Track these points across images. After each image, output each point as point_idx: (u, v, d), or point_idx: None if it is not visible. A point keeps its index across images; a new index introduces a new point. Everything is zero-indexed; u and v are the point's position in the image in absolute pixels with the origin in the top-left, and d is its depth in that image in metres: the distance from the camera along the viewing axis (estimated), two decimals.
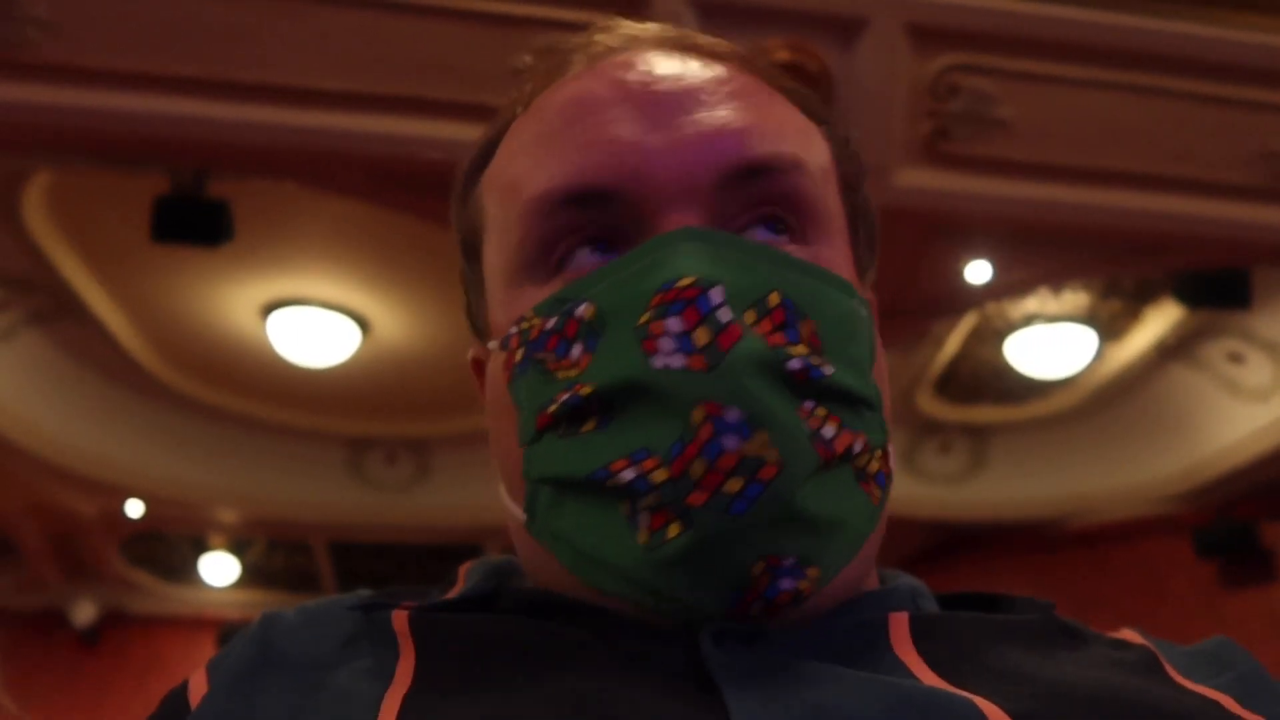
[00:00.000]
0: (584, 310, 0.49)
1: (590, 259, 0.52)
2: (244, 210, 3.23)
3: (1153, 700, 0.43)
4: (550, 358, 0.50)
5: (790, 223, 0.53)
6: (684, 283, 0.46)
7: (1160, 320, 4.59)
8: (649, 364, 0.45)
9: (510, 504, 0.54)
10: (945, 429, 5.48)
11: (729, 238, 0.50)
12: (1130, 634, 0.55)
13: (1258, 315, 4.20)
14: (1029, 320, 4.56)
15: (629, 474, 0.45)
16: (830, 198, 0.55)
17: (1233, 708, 0.45)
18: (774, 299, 0.48)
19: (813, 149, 0.56)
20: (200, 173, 3.14)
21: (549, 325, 0.50)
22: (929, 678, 0.44)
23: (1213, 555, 5.33)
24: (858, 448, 0.48)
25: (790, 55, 2.72)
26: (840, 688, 0.42)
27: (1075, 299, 4.43)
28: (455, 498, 5.64)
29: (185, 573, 6.72)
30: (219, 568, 6.66)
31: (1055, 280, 3.98)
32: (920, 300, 3.74)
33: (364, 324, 4.57)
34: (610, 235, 0.52)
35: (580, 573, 0.49)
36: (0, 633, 6.45)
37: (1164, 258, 3.55)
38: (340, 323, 4.50)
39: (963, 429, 5.51)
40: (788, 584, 0.45)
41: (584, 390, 0.47)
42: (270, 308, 4.43)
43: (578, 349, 0.49)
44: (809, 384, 0.47)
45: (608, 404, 0.47)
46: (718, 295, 0.46)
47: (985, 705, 0.41)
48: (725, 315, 0.45)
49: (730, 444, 0.43)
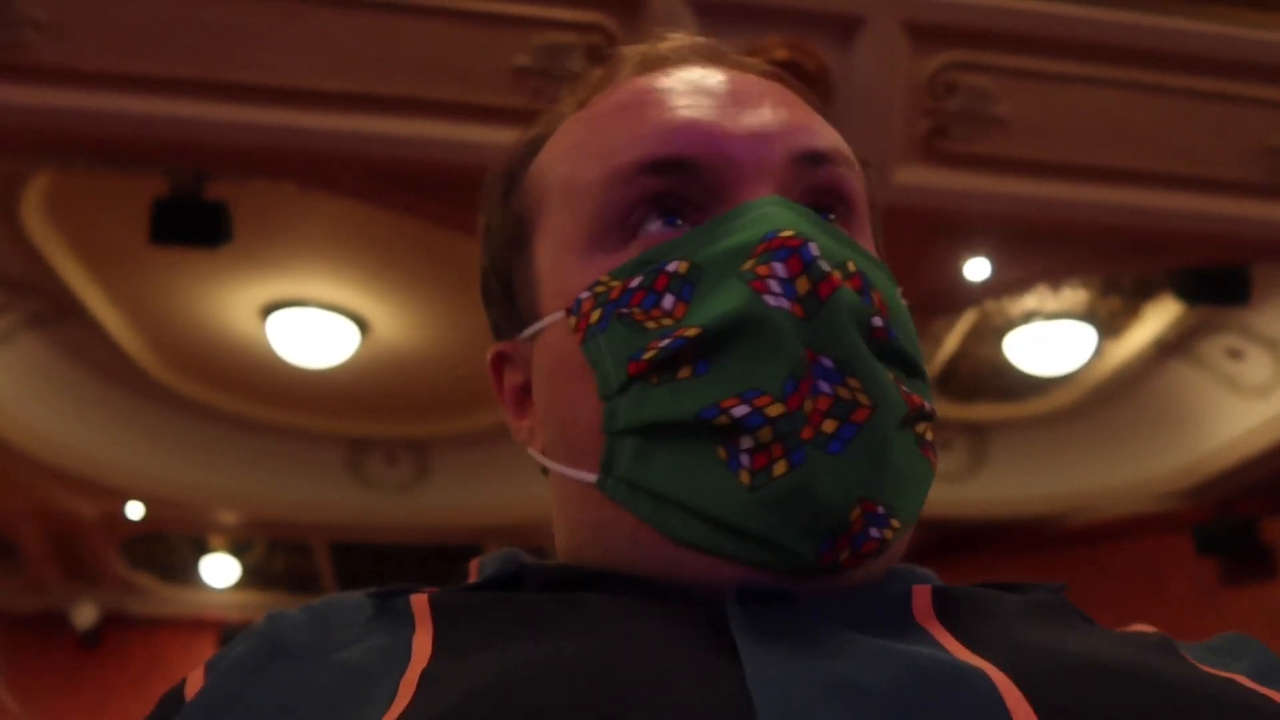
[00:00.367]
0: (676, 266, 0.51)
1: (664, 230, 0.53)
2: (243, 211, 3.23)
3: (1169, 674, 0.43)
4: (637, 310, 0.51)
5: (840, 211, 0.57)
6: (786, 233, 0.48)
7: (1159, 317, 4.59)
8: (763, 301, 0.47)
9: (569, 470, 0.54)
10: (945, 427, 5.48)
11: (807, 211, 0.53)
12: (1143, 627, 0.55)
13: (1257, 311, 4.21)
14: (1028, 318, 4.56)
15: (740, 410, 0.46)
16: (864, 197, 0.60)
17: (1249, 684, 0.45)
18: (852, 266, 0.52)
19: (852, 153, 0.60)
20: (199, 174, 3.14)
21: (633, 284, 0.51)
22: (952, 645, 0.45)
23: (1213, 552, 5.33)
24: (928, 409, 0.52)
25: (788, 54, 2.73)
26: (857, 654, 0.42)
27: (1074, 296, 4.43)
28: (455, 498, 5.65)
29: (186, 574, 6.72)
30: (219, 569, 6.66)
31: (1054, 277, 3.98)
32: (919, 298, 3.71)
33: (363, 325, 4.57)
34: (685, 207, 0.54)
35: (662, 523, 0.49)
36: (1, 635, 6.45)
37: (1163, 254, 3.55)
38: (340, 324, 4.50)
39: (962, 427, 5.51)
40: (875, 532, 0.47)
41: (689, 332, 0.48)
42: (269, 309, 4.43)
43: (669, 300, 0.50)
44: (885, 344, 0.50)
45: (710, 347, 0.48)
46: (816, 249, 0.48)
47: (996, 674, 0.41)
48: (825, 266, 0.48)
49: (824, 388, 0.46)
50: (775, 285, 0.47)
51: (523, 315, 0.59)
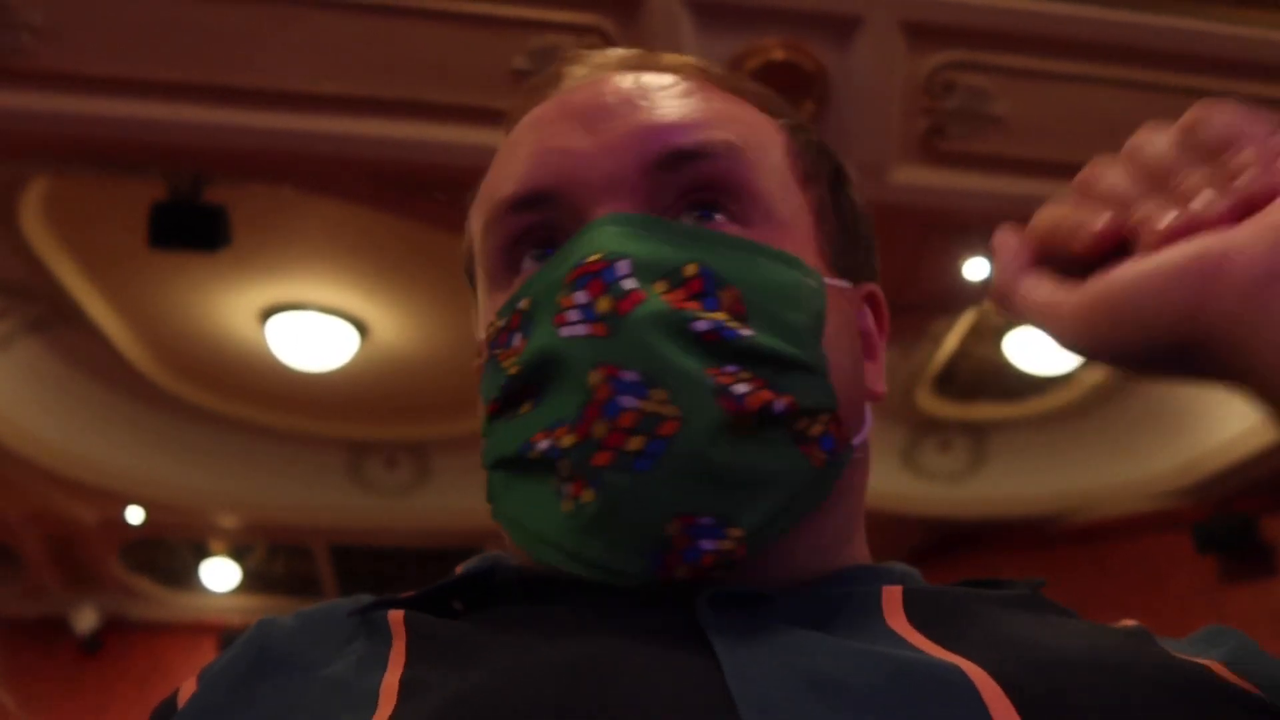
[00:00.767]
0: (523, 303, 0.52)
1: (535, 264, 0.55)
2: (241, 215, 3.23)
3: (1141, 662, 0.43)
4: (501, 351, 0.53)
5: (726, 206, 0.54)
6: (592, 259, 0.48)
7: None
8: (557, 334, 0.48)
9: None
10: (945, 427, 5.48)
11: (651, 220, 0.52)
12: (1127, 622, 0.55)
13: None
14: None
15: (544, 444, 0.48)
16: (778, 185, 0.56)
17: (1222, 672, 0.45)
18: (690, 269, 0.49)
19: (756, 138, 0.57)
20: (197, 178, 3.14)
21: (502, 324, 0.53)
22: (922, 644, 0.45)
23: (1213, 550, 5.33)
24: (779, 407, 0.47)
25: (786, 54, 2.73)
26: (835, 656, 0.42)
27: None
28: (455, 501, 5.64)
29: (186, 579, 6.71)
30: (220, 573, 6.66)
31: None
32: (918, 298, 3.74)
33: (362, 328, 4.57)
34: (554, 237, 0.54)
35: (531, 551, 0.51)
36: (1, 641, 6.45)
37: None
38: (339, 327, 4.50)
39: (962, 427, 5.51)
40: (708, 545, 0.46)
41: (513, 370, 0.50)
42: (269, 312, 4.42)
43: (518, 338, 0.52)
44: (723, 345, 0.48)
45: (537, 383, 0.50)
46: (624, 268, 0.48)
47: (972, 669, 0.41)
48: (629, 284, 0.47)
49: (628, 403, 0.45)
50: (574, 314, 0.48)
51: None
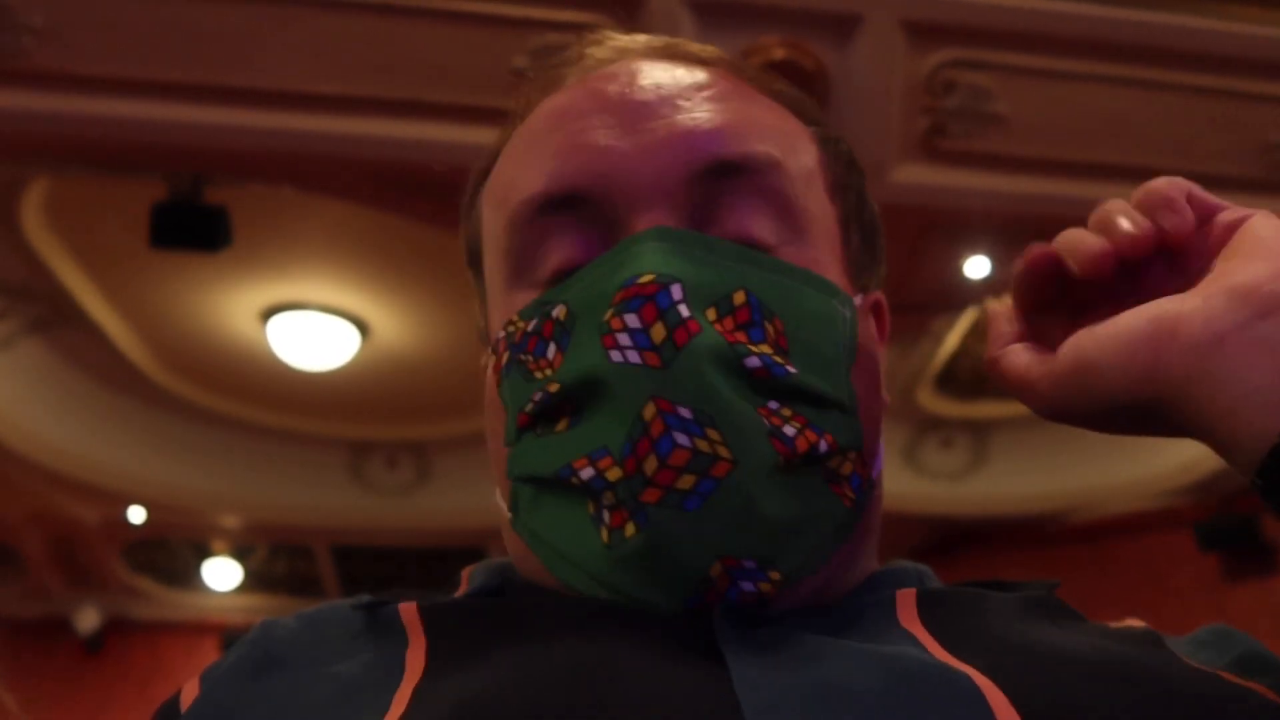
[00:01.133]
0: (558, 311, 0.50)
1: (569, 262, 0.52)
2: (242, 215, 3.23)
3: (1154, 671, 0.43)
4: (530, 359, 0.51)
5: (765, 222, 0.53)
6: (644, 279, 0.46)
7: None
8: (607, 358, 0.46)
9: (500, 501, 0.55)
10: (946, 425, 5.48)
11: (697, 237, 0.50)
12: (1133, 621, 0.55)
13: None
14: None
15: (588, 472, 0.46)
16: (813, 199, 0.55)
17: (1234, 681, 0.45)
18: (739, 297, 0.48)
19: (794, 150, 0.56)
20: (198, 178, 3.14)
21: (529, 327, 0.51)
22: (934, 648, 0.45)
23: (1215, 548, 5.33)
24: (823, 448, 0.47)
25: (786, 54, 2.73)
26: (843, 662, 0.42)
27: None
28: (457, 501, 5.64)
29: (188, 579, 6.72)
30: (221, 573, 6.66)
31: None
32: (919, 296, 3.74)
33: (364, 327, 4.57)
34: (588, 239, 0.52)
35: (555, 570, 0.49)
36: (3, 641, 6.45)
37: None
38: (340, 326, 4.50)
39: (964, 425, 5.51)
40: (748, 586, 0.45)
41: (552, 388, 0.48)
42: (270, 312, 4.43)
43: (552, 349, 0.50)
44: (771, 382, 0.47)
45: (577, 402, 0.48)
46: (677, 292, 0.46)
47: (981, 679, 0.41)
48: (684, 312, 0.46)
49: (682, 440, 0.44)
50: (625, 338, 0.46)
51: (486, 337, 0.60)
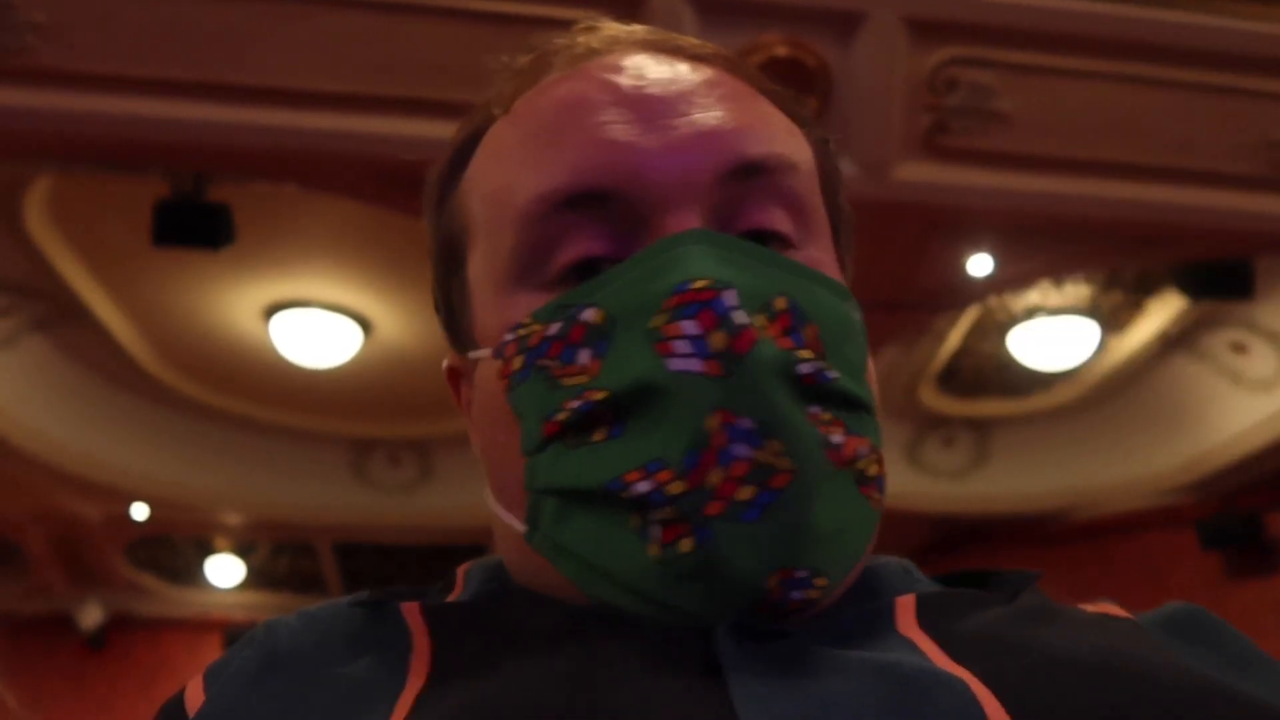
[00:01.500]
0: (591, 315, 0.48)
1: (590, 263, 0.50)
2: (245, 213, 3.23)
3: (1143, 667, 0.43)
4: (555, 364, 0.48)
5: (783, 224, 0.52)
6: (699, 284, 0.45)
7: (1162, 311, 4.59)
8: (665, 366, 0.45)
9: (503, 513, 0.53)
10: (948, 423, 5.48)
11: (734, 240, 0.49)
12: (1109, 607, 0.55)
13: (1260, 305, 4.20)
14: (1031, 313, 4.56)
15: (644, 486, 0.45)
16: (816, 199, 0.56)
17: (1222, 680, 0.45)
18: (780, 303, 0.48)
19: (800, 150, 0.56)
20: (200, 176, 3.14)
21: (551, 331, 0.49)
22: (934, 654, 0.45)
23: (1217, 546, 5.33)
24: (863, 452, 0.48)
25: (788, 51, 2.72)
26: (841, 672, 0.42)
27: (1077, 291, 4.43)
28: (459, 498, 5.65)
29: (191, 576, 6.73)
30: (224, 570, 6.67)
31: (1057, 273, 3.98)
32: (922, 294, 3.74)
33: (366, 325, 4.57)
34: (608, 239, 0.50)
35: (585, 585, 0.48)
36: (7, 638, 6.47)
37: (1166, 249, 3.55)
38: (342, 324, 4.50)
39: (966, 423, 5.51)
40: (798, 595, 0.45)
41: (596, 396, 0.46)
42: (272, 310, 4.43)
43: (585, 355, 0.48)
44: (817, 388, 0.47)
45: (621, 411, 0.46)
46: (732, 298, 0.45)
47: (975, 684, 0.41)
48: (741, 319, 0.45)
49: (742, 451, 0.43)
50: (683, 346, 0.45)
51: (463, 337, 0.58)
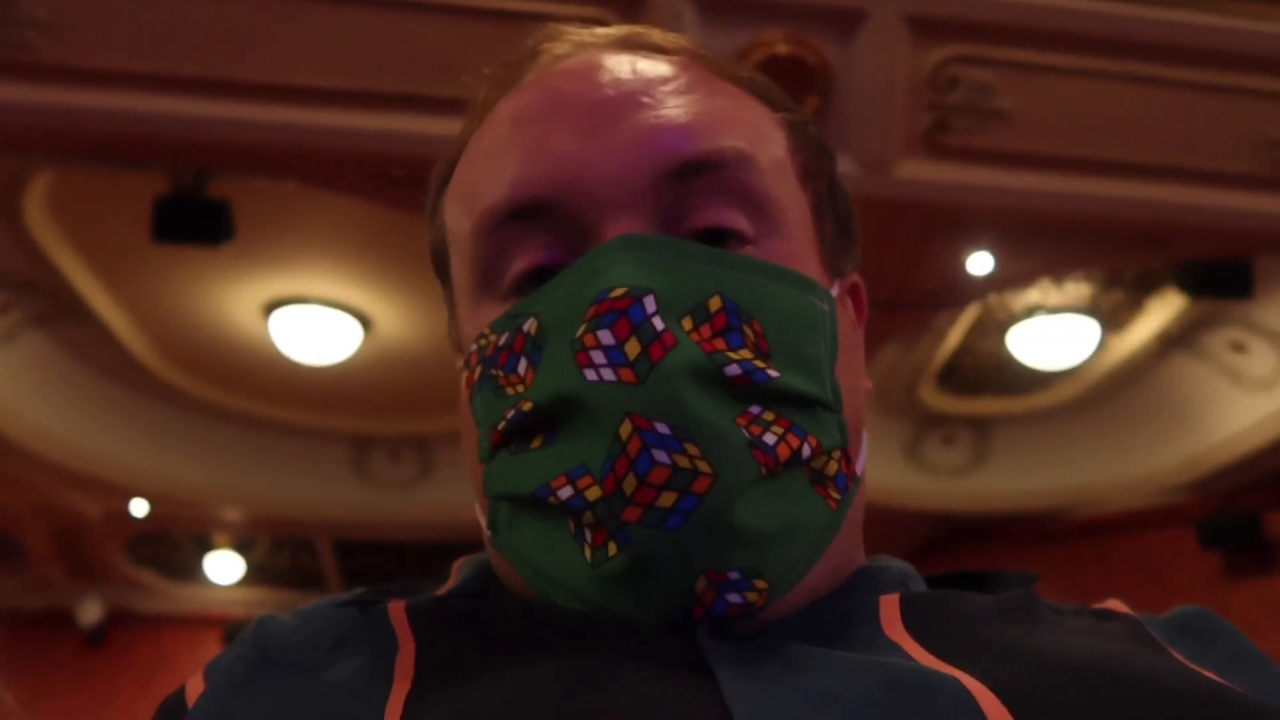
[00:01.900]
0: (529, 325, 0.49)
1: (541, 272, 0.51)
2: (245, 209, 3.23)
3: (1141, 669, 0.43)
4: (501, 374, 0.50)
5: (737, 218, 0.52)
6: (616, 293, 0.45)
7: (1162, 310, 4.59)
8: (581, 376, 0.45)
9: (480, 516, 0.54)
10: (948, 421, 5.48)
11: (668, 242, 0.49)
12: (1115, 604, 0.55)
13: (1260, 304, 4.20)
14: (1031, 312, 4.56)
15: (566, 492, 0.45)
16: (785, 190, 0.54)
17: (1220, 681, 0.45)
18: (715, 303, 0.47)
19: (764, 141, 0.54)
20: (200, 172, 3.14)
21: (500, 341, 0.50)
22: (920, 655, 0.45)
23: (1216, 546, 5.33)
24: (806, 452, 0.47)
25: (789, 49, 2.72)
26: (832, 670, 0.42)
27: (1077, 290, 4.43)
28: (459, 495, 5.63)
29: (190, 572, 6.73)
30: (224, 566, 6.67)
31: (1057, 271, 3.98)
32: (922, 293, 3.74)
33: (366, 321, 4.57)
34: (556, 248, 0.51)
35: (536, 587, 0.49)
36: (6, 633, 6.46)
37: (1166, 248, 3.55)
38: (342, 320, 4.50)
39: (965, 421, 5.51)
40: (735, 598, 0.45)
41: (525, 406, 0.47)
42: (272, 306, 4.43)
43: (524, 364, 0.49)
44: (753, 389, 0.46)
45: (552, 420, 0.47)
46: (650, 304, 0.45)
47: (970, 682, 0.41)
48: (658, 324, 0.45)
49: (660, 458, 0.43)
50: (599, 356, 0.45)
51: (457, 344, 0.59)
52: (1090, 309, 4.56)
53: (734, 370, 0.46)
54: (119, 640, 6.80)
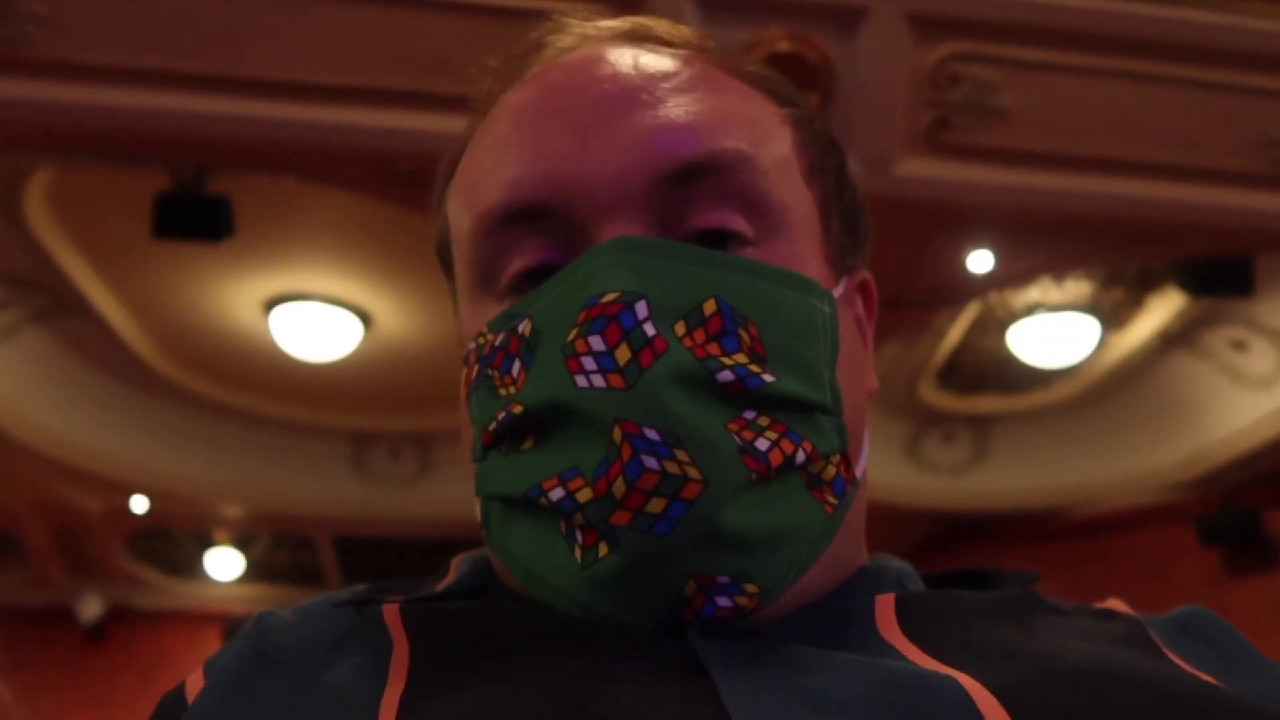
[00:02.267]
0: (524, 327, 0.49)
1: (538, 271, 0.51)
2: (245, 206, 3.23)
3: (1139, 672, 0.43)
4: (496, 375, 0.50)
5: (737, 219, 0.51)
6: (608, 298, 0.45)
7: (1163, 308, 4.59)
8: (572, 383, 0.45)
9: (478, 514, 0.54)
10: (948, 419, 5.48)
11: (663, 245, 0.48)
12: (1116, 603, 0.55)
13: (1260, 303, 4.20)
14: (1031, 310, 4.56)
15: (557, 493, 0.45)
16: (789, 189, 0.53)
17: (1217, 684, 0.45)
18: (709, 306, 0.47)
19: (766, 139, 0.54)
20: (201, 169, 3.14)
21: (497, 342, 0.50)
22: (916, 656, 0.44)
23: (1217, 543, 5.33)
24: (800, 458, 0.46)
25: (790, 46, 2.72)
26: (828, 671, 0.42)
27: (1078, 288, 4.43)
28: (459, 492, 5.62)
29: (190, 568, 6.74)
30: (224, 563, 6.68)
31: (1057, 269, 3.98)
32: (922, 291, 3.74)
33: (366, 318, 4.57)
34: (552, 249, 0.51)
35: (529, 587, 0.49)
36: (6, 630, 6.47)
37: (1166, 246, 3.55)
38: (342, 317, 4.50)
39: (965, 419, 5.51)
40: (725, 601, 0.45)
41: (516, 409, 0.47)
42: (272, 303, 4.43)
43: (517, 366, 0.49)
44: (746, 394, 0.46)
45: (542, 423, 0.47)
46: (642, 310, 0.45)
47: (968, 682, 0.41)
48: (649, 330, 0.44)
49: (650, 464, 0.43)
50: (590, 362, 0.44)
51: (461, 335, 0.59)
52: (1091, 307, 4.56)
53: (726, 376, 0.45)
54: (119, 637, 6.81)
